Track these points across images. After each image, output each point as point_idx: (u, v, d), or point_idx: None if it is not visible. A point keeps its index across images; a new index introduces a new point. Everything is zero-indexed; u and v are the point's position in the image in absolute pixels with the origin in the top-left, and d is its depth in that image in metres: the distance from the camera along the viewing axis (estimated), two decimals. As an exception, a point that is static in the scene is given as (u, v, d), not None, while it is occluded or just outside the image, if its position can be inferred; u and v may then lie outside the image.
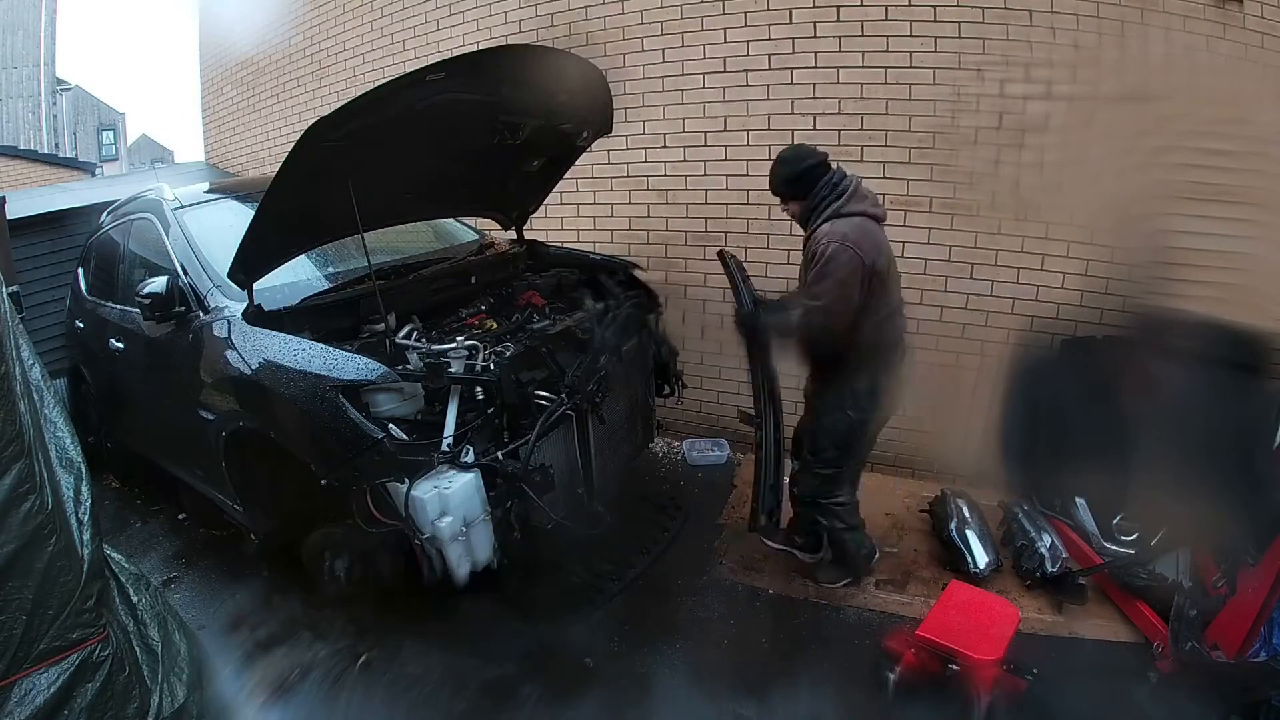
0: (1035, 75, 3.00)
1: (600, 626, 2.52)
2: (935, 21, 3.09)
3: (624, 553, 2.79)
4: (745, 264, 3.58)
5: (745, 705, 2.18)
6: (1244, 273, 2.82)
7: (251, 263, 2.40)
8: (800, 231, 3.45)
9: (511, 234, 3.49)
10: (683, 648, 2.45)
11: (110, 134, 20.13)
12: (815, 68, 3.33)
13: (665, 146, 3.76)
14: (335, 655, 2.44)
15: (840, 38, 3.26)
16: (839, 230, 2.30)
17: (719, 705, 2.19)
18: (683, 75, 3.63)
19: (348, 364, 2.14)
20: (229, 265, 2.40)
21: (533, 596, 2.50)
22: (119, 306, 3.27)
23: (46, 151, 13.62)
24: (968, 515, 2.87)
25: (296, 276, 2.77)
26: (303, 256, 2.78)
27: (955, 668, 2.06)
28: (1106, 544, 2.66)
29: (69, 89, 18.30)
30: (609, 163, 3.91)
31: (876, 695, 2.19)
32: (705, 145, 3.65)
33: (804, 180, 2.40)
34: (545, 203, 3.44)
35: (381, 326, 2.44)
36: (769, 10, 3.37)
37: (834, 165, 2.44)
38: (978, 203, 3.17)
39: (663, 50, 3.66)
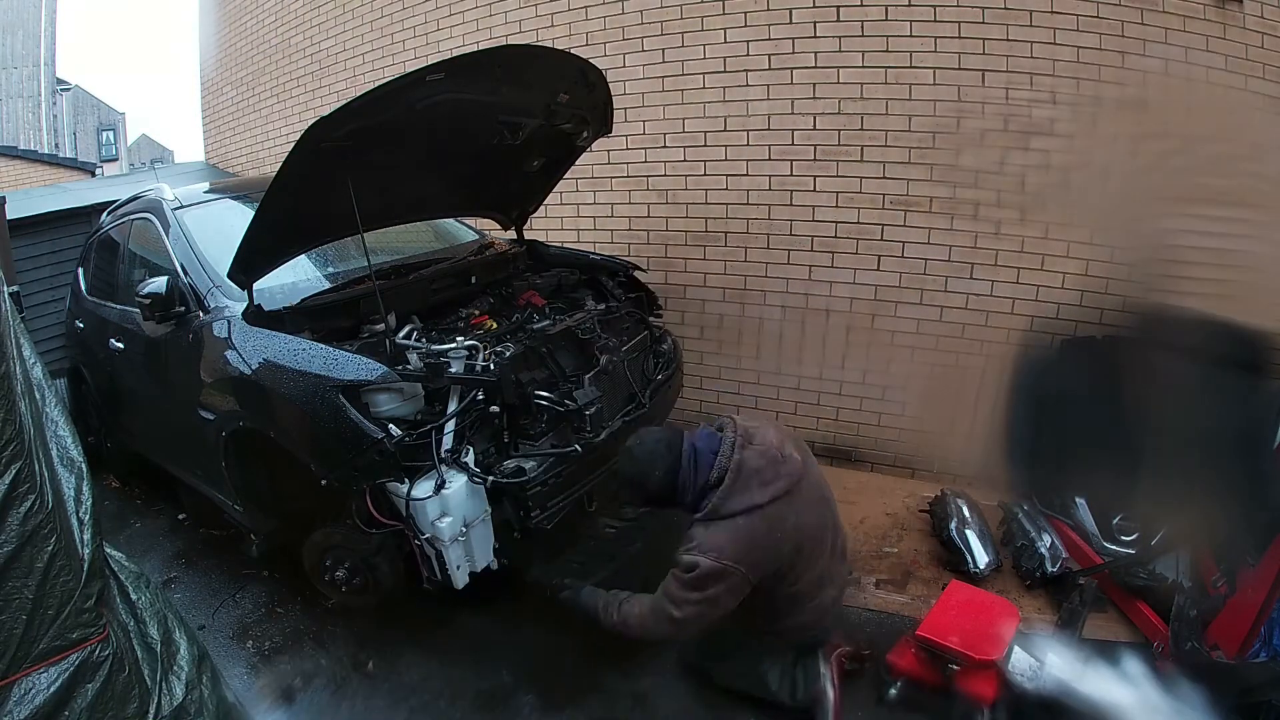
0: (1037, 78, 3.01)
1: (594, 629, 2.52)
2: (935, 21, 3.09)
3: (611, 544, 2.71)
4: (746, 264, 3.65)
5: (746, 706, 2.18)
6: (1244, 271, 2.82)
7: (251, 262, 2.40)
8: (800, 232, 3.51)
9: (511, 234, 3.49)
10: (680, 648, 2.44)
11: (110, 134, 20.13)
12: (815, 68, 3.33)
13: (665, 146, 3.76)
14: (336, 661, 2.45)
15: (840, 38, 3.26)
16: (715, 541, 1.84)
17: (717, 707, 2.19)
18: (683, 75, 3.63)
19: (348, 364, 2.14)
20: (229, 265, 2.40)
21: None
22: (119, 306, 3.27)
23: (46, 151, 13.63)
24: (968, 515, 2.87)
25: (296, 276, 2.77)
26: (303, 256, 2.78)
27: (955, 668, 2.06)
28: (1106, 544, 2.66)
29: (69, 89, 18.32)
30: (609, 163, 3.91)
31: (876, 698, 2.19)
32: (705, 145, 3.65)
33: (659, 496, 1.98)
34: (545, 203, 3.44)
35: (381, 326, 2.44)
36: (769, 10, 3.37)
37: (692, 439, 1.95)
38: (978, 203, 3.17)
39: (663, 50, 3.66)
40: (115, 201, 3.66)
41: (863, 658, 2.23)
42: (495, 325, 2.65)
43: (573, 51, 2.68)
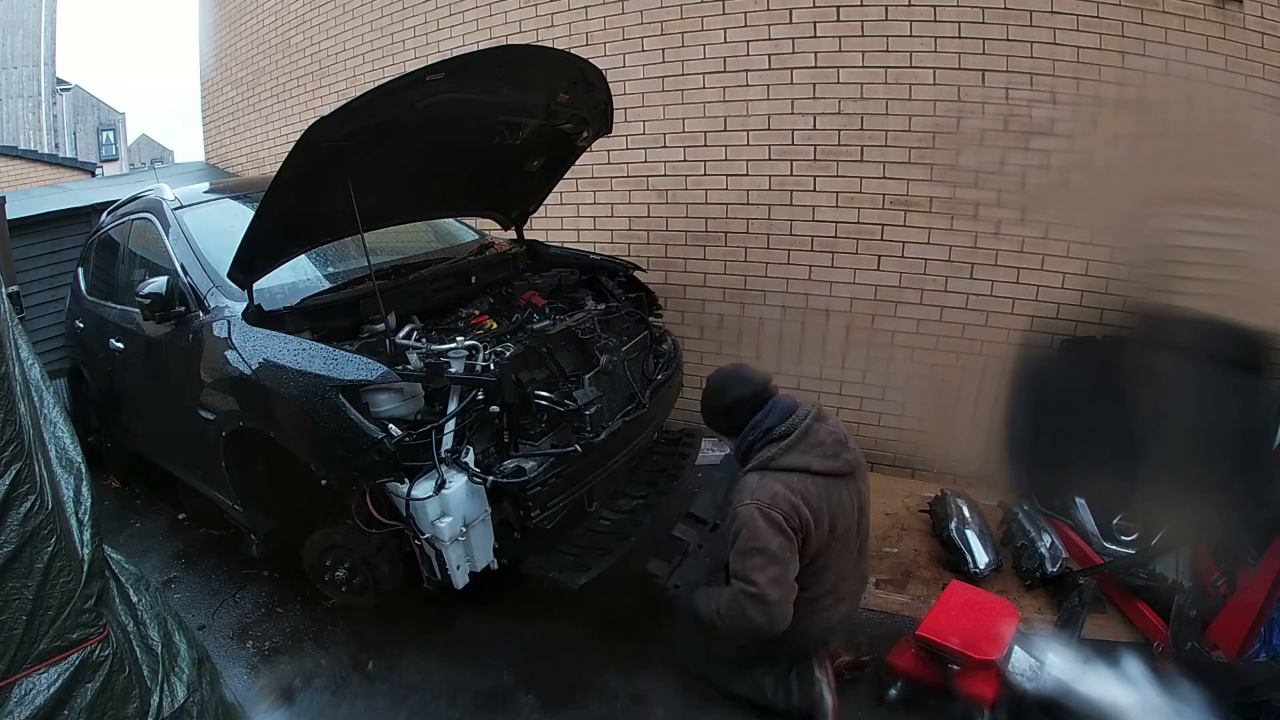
0: (1037, 78, 3.01)
1: (594, 629, 2.52)
2: (935, 21, 3.10)
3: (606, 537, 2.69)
4: (746, 264, 3.65)
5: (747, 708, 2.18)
6: (1244, 271, 2.83)
7: (251, 262, 2.40)
8: (800, 232, 3.51)
9: (511, 234, 3.49)
10: (677, 652, 2.43)
11: (110, 134, 20.14)
12: (815, 68, 3.33)
13: (665, 146, 3.76)
14: (336, 661, 2.44)
15: (840, 38, 3.26)
16: (762, 492, 1.84)
17: (717, 708, 2.19)
18: (683, 75, 3.64)
19: (348, 364, 2.14)
20: (229, 265, 2.40)
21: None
22: (119, 306, 3.27)
23: (46, 151, 13.63)
24: (968, 515, 2.87)
25: (296, 276, 2.77)
26: (303, 256, 2.78)
27: (955, 668, 2.06)
28: (1106, 544, 2.66)
29: (69, 89, 18.33)
30: (609, 163, 3.91)
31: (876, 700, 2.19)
32: (705, 145, 3.65)
33: (730, 417, 2.02)
34: (545, 203, 3.44)
35: (381, 326, 2.44)
36: (769, 10, 3.37)
37: (779, 398, 1.99)
38: (978, 203, 3.17)
39: (663, 50, 3.67)
40: (115, 201, 3.66)
41: (862, 665, 2.23)
42: (495, 325, 2.65)
43: (573, 51, 2.68)
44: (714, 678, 2.19)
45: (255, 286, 2.45)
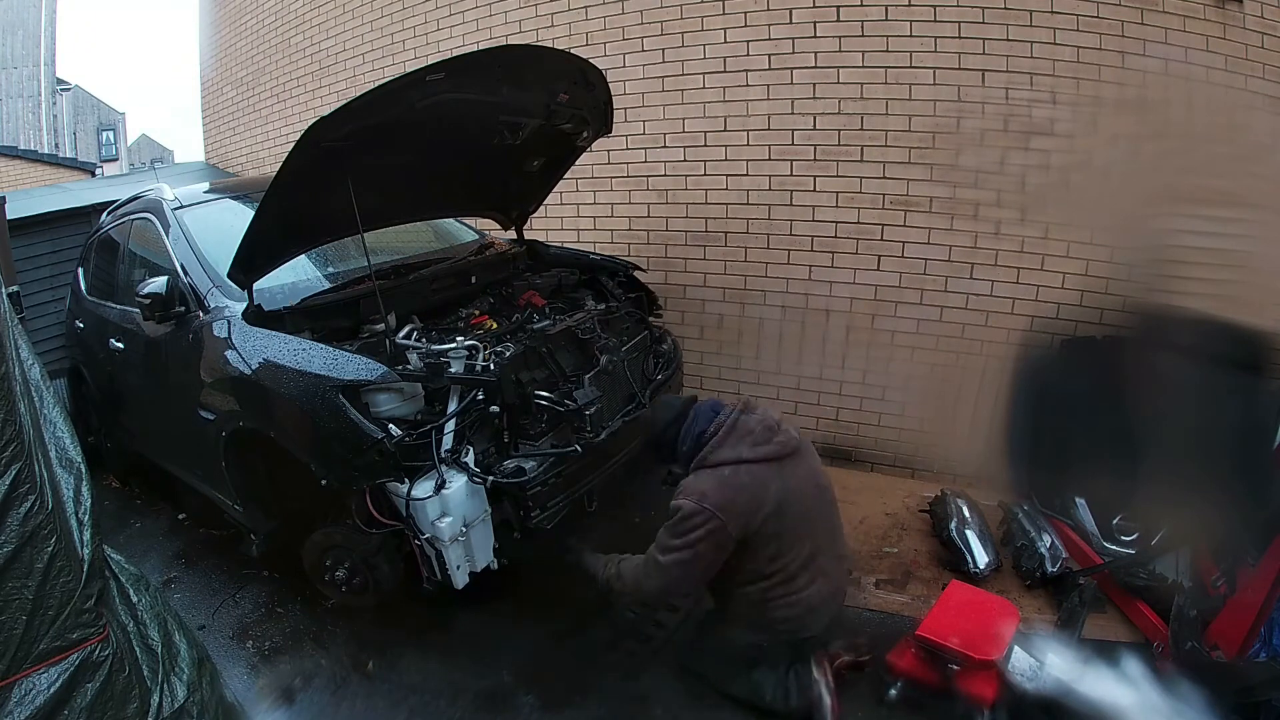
0: (1037, 78, 3.01)
1: (594, 629, 2.52)
2: (935, 21, 3.09)
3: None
4: (746, 264, 3.65)
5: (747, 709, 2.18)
6: (1244, 271, 2.83)
7: (251, 262, 2.40)
8: (800, 232, 3.50)
9: (511, 234, 3.49)
10: (679, 653, 2.43)
11: (110, 134, 20.14)
12: (815, 68, 3.33)
13: (665, 146, 3.76)
14: (336, 661, 2.44)
15: (840, 38, 3.26)
16: (699, 486, 1.94)
17: (717, 708, 2.19)
18: (683, 75, 3.64)
19: (348, 364, 2.14)
20: (229, 265, 2.40)
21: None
22: (119, 306, 3.27)
23: (46, 151, 13.62)
24: (968, 515, 2.87)
25: (296, 276, 2.77)
26: (303, 256, 2.78)
27: (955, 668, 2.06)
28: (1106, 544, 2.66)
29: (69, 89, 18.33)
30: (609, 163, 3.91)
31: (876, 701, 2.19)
32: (705, 145, 3.65)
33: (667, 444, 2.12)
34: (545, 203, 3.44)
35: (381, 326, 2.44)
36: (769, 10, 3.37)
37: (700, 404, 2.12)
38: (978, 203, 3.17)
39: (663, 50, 3.67)
40: (115, 201, 3.66)
41: (862, 665, 2.23)
42: (495, 325, 2.65)
43: (573, 51, 2.68)
44: (713, 678, 2.19)
45: (255, 286, 2.45)
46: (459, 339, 2.37)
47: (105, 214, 3.72)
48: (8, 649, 1.39)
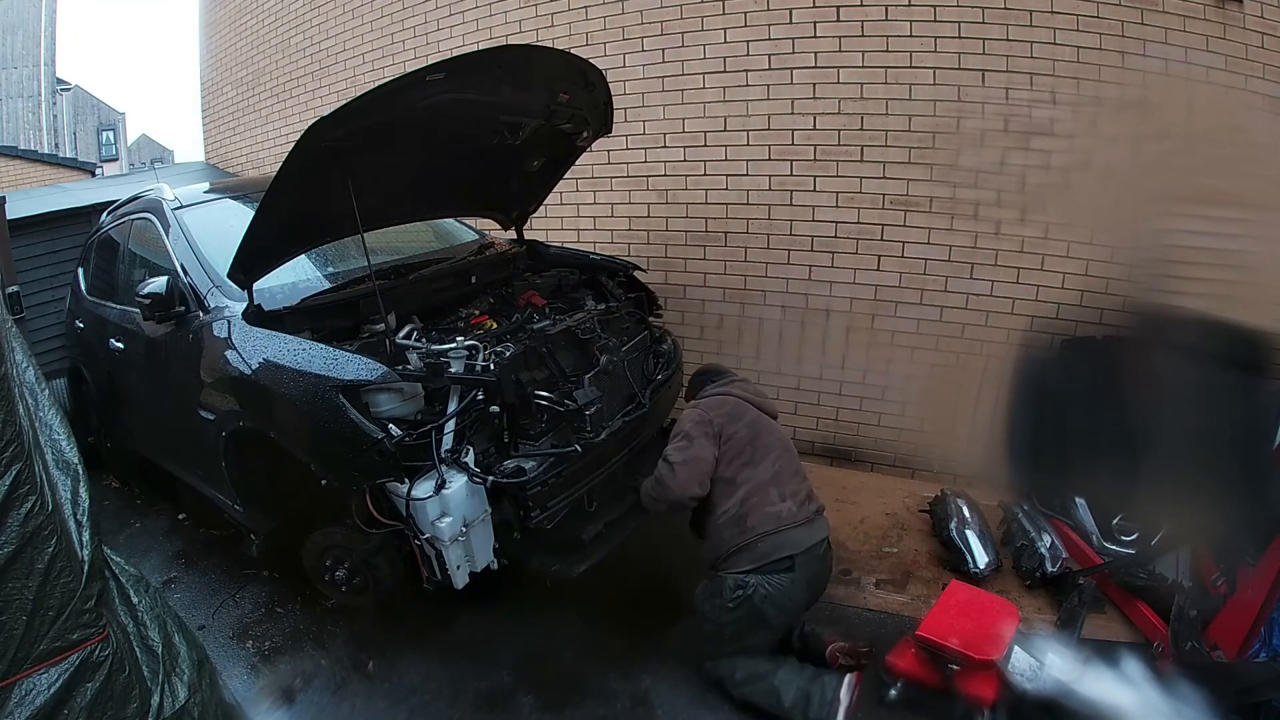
0: (1037, 78, 3.01)
1: (594, 629, 2.53)
2: (935, 21, 3.10)
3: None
4: (746, 264, 3.65)
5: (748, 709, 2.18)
6: (1244, 271, 2.83)
7: (251, 262, 2.40)
8: (800, 232, 3.51)
9: (511, 234, 3.49)
10: (678, 649, 2.44)
11: (110, 134, 20.14)
12: (815, 68, 3.34)
13: (665, 146, 3.76)
14: (336, 661, 2.44)
15: (840, 38, 3.27)
16: (693, 409, 2.41)
17: (718, 708, 2.19)
18: (683, 75, 3.64)
19: (348, 364, 2.13)
20: (229, 265, 2.40)
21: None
22: (119, 306, 3.27)
23: (46, 151, 13.63)
24: (968, 515, 2.87)
25: (296, 276, 2.77)
26: (303, 256, 2.78)
27: (955, 668, 2.06)
28: (1106, 544, 2.66)
29: (69, 89, 18.33)
30: (609, 163, 3.91)
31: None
32: (705, 145, 3.65)
33: (694, 385, 2.66)
34: (545, 203, 3.44)
35: (381, 326, 2.43)
36: (769, 10, 3.37)
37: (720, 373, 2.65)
38: (978, 203, 3.17)
39: (663, 50, 3.67)
40: (115, 201, 3.66)
41: (860, 655, 2.23)
42: (495, 325, 2.65)
43: (573, 51, 2.68)
44: (729, 684, 2.18)
45: (255, 286, 2.45)
46: (459, 339, 2.37)
47: (105, 214, 3.72)
48: (8, 649, 1.39)
